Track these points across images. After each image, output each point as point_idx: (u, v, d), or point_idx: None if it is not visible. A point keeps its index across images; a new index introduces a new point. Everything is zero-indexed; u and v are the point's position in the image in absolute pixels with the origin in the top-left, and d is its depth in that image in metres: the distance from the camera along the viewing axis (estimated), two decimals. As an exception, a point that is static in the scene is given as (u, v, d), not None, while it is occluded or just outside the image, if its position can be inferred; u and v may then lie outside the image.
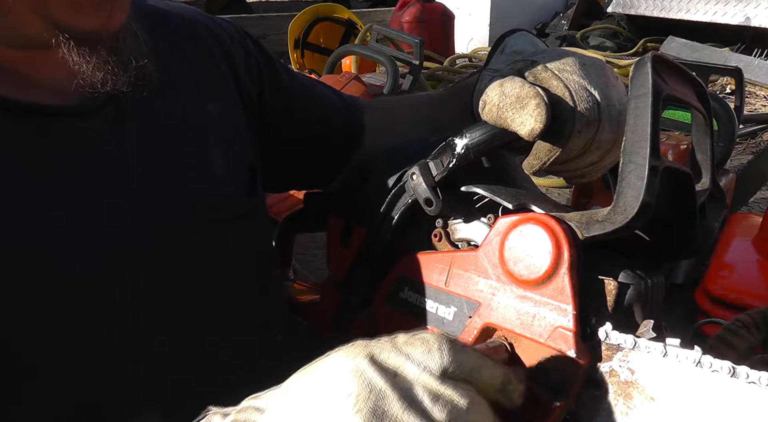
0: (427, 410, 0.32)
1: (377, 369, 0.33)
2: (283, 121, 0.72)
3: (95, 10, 0.47)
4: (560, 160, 0.54)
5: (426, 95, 0.77)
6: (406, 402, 0.32)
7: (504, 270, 0.47)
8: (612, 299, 0.45)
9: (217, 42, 0.67)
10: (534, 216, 0.46)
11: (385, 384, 0.33)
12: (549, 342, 0.44)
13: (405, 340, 0.36)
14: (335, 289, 0.64)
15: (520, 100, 0.52)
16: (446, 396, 0.33)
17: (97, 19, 0.47)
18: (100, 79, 0.49)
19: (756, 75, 2.76)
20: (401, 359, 0.34)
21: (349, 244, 0.61)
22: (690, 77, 0.51)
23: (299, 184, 0.83)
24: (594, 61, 0.54)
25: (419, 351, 0.34)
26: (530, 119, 0.51)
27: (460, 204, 0.55)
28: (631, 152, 0.42)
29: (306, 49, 3.27)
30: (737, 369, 0.36)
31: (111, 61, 0.50)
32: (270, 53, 0.74)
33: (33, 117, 0.49)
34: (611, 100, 0.53)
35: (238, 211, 0.63)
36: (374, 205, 0.58)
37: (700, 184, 0.53)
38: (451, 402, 0.33)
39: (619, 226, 0.43)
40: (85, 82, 0.49)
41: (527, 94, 0.51)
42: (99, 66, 0.49)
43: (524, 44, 0.61)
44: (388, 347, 0.35)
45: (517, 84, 0.52)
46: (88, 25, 0.47)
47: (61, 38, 0.46)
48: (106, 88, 0.49)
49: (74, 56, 0.48)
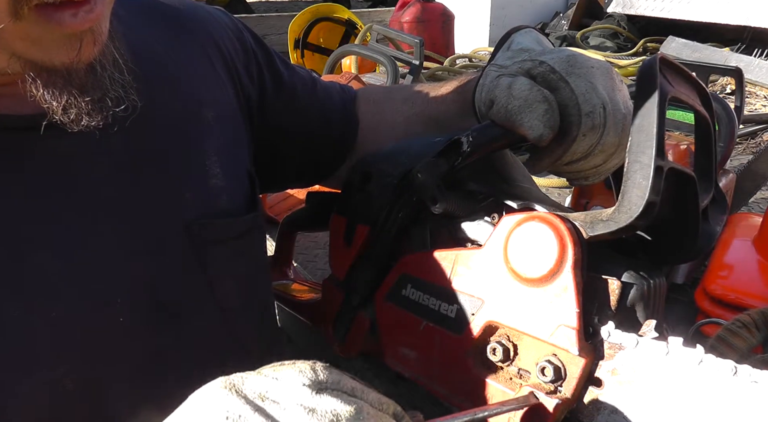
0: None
1: (238, 397, 0.30)
2: (283, 120, 0.70)
3: (62, 47, 0.42)
4: (563, 162, 0.54)
5: (422, 86, 0.73)
6: None
7: (508, 267, 0.47)
8: (615, 298, 0.45)
9: (214, 40, 0.64)
10: (539, 214, 0.46)
11: (247, 409, 0.29)
12: (552, 340, 0.44)
13: (273, 368, 0.33)
14: (336, 288, 0.64)
15: (528, 103, 0.51)
16: (324, 407, 0.30)
17: (66, 55, 0.43)
18: (71, 119, 0.46)
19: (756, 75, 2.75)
20: (267, 382, 0.31)
21: (351, 243, 0.61)
22: (693, 80, 0.52)
23: (299, 181, 0.82)
24: (601, 65, 0.54)
25: (289, 372, 0.31)
26: (539, 124, 0.51)
27: (464, 203, 0.56)
28: (637, 152, 0.42)
29: (306, 48, 3.27)
30: (739, 369, 0.37)
31: (84, 100, 0.45)
32: (269, 49, 0.71)
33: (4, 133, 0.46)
34: (617, 104, 0.52)
35: (238, 229, 0.59)
36: (377, 203, 0.58)
37: (703, 187, 0.53)
38: (332, 412, 0.29)
39: (624, 226, 0.43)
40: (56, 122, 0.45)
41: (536, 97, 0.51)
42: (71, 104, 0.45)
43: (531, 42, 0.60)
44: (252, 376, 0.32)
45: (526, 86, 0.52)
46: (56, 60, 0.43)
47: (28, 76, 0.42)
48: (78, 126, 0.46)
49: (44, 95, 0.44)
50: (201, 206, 0.57)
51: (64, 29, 0.40)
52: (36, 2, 0.38)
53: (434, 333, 0.53)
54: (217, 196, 0.58)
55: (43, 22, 0.39)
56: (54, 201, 0.48)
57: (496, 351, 0.48)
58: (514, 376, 0.48)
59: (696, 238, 0.50)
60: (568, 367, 0.44)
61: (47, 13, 0.39)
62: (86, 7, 0.41)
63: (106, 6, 0.43)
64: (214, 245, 0.57)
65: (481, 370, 0.50)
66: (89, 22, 0.41)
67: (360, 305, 0.62)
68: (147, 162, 0.54)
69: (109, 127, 0.49)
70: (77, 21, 0.40)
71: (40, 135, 0.47)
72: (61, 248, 0.48)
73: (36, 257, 0.47)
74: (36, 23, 0.39)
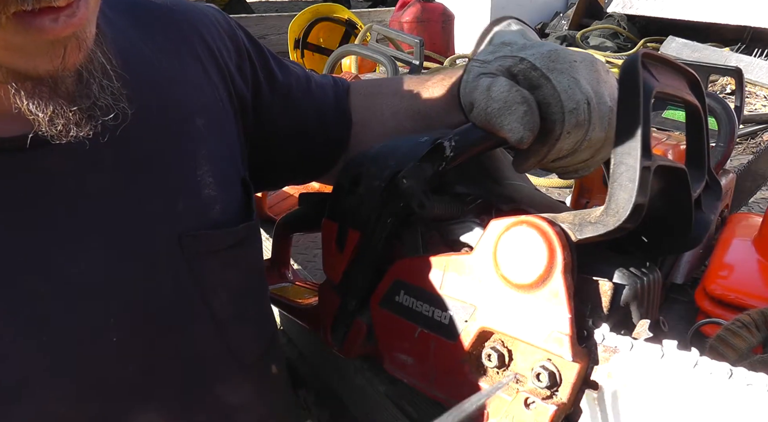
0: None
1: None
2: (278, 120, 0.69)
3: (45, 55, 0.40)
4: (550, 160, 0.53)
5: (411, 80, 0.71)
6: None
7: (498, 274, 0.47)
8: (607, 300, 0.45)
9: (205, 41, 0.62)
10: (526, 219, 0.45)
11: None
12: (545, 346, 0.44)
13: None
14: (332, 293, 0.64)
15: (508, 105, 0.50)
16: None
17: (50, 63, 0.41)
18: (58, 131, 0.44)
19: (756, 75, 2.75)
20: None
21: (344, 248, 0.60)
22: (682, 69, 0.51)
23: (295, 178, 0.81)
24: (584, 57, 0.53)
25: None
26: (519, 127, 0.49)
27: (453, 205, 0.55)
28: (622, 153, 0.41)
29: (306, 49, 3.27)
30: (735, 372, 0.36)
31: (71, 110, 0.44)
32: (263, 48, 0.69)
33: None
34: (602, 97, 0.51)
35: (233, 239, 0.58)
36: (367, 208, 0.57)
37: (695, 176, 0.53)
38: None
39: (612, 229, 0.42)
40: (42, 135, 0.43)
41: (515, 98, 0.50)
42: (57, 114, 0.43)
43: (513, 35, 0.58)
44: None
45: (505, 87, 0.51)
46: (40, 68, 0.41)
47: (11, 87, 0.41)
48: (67, 137, 0.44)
49: (29, 106, 0.42)
50: (194, 217, 0.55)
51: (45, 35, 0.39)
52: (14, 10, 0.36)
53: (429, 339, 0.53)
54: (210, 207, 0.57)
55: (22, 30, 0.38)
56: (43, 222, 0.47)
57: (491, 358, 0.48)
58: (510, 381, 0.47)
59: (690, 229, 0.50)
60: (563, 372, 0.44)
61: (26, 20, 0.38)
62: (67, 12, 0.39)
63: (89, 10, 0.41)
64: (208, 257, 0.56)
65: (477, 376, 0.50)
66: (71, 26, 0.40)
67: (356, 310, 0.62)
68: (138, 174, 0.52)
69: (99, 137, 0.47)
70: (59, 26, 0.39)
71: (27, 154, 0.45)
72: (52, 270, 0.47)
73: (27, 281, 0.46)
74: (16, 31, 0.38)
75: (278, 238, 0.85)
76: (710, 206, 0.54)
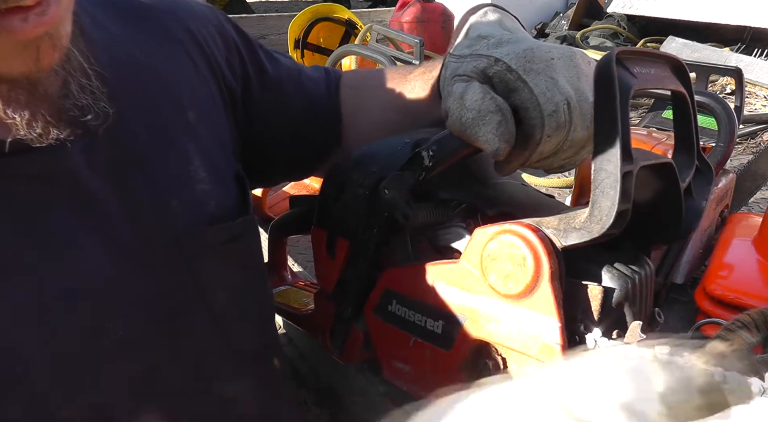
0: None
1: None
2: (269, 114, 0.68)
3: (18, 56, 0.39)
4: (532, 161, 0.53)
5: (393, 73, 0.70)
6: None
7: (486, 284, 0.46)
8: (598, 304, 0.44)
9: (193, 36, 0.61)
10: (509, 228, 0.44)
11: None
12: (537, 355, 0.44)
13: None
14: (327, 301, 0.63)
15: (482, 115, 0.48)
16: None
17: (24, 64, 0.40)
18: (38, 134, 0.42)
19: (756, 75, 2.75)
20: None
21: (335, 256, 0.60)
22: (663, 56, 0.49)
23: (289, 174, 0.80)
24: (562, 53, 0.50)
25: None
26: (494, 138, 0.48)
27: (437, 212, 0.55)
28: (602, 160, 0.40)
29: (306, 49, 3.26)
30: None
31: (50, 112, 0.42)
32: (253, 41, 0.68)
33: None
34: (582, 94, 0.49)
35: (230, 234, 0.57)
36: (354, 216, 0.56)
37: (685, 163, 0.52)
38: None
39: (597, 236, 0.42)
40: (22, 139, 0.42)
41: (489, 107, 0.48)
42: (36, 117, 0.42)
43: (489, 27, 0.55)
44: None
45: (479, 95, 0.49)
46: (15, 70, 0.40)
47: None
48: (47, 140, 0.43)
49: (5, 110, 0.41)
50: (189, 213, 0.54)
51: (15, 36, 0.37)
52: None
53: (424, 348, 0.52)
54: (205, 202, 0.56)
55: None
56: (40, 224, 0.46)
57: (487, 365, 0.48)
58: None
59: (680, 220, 0.49)
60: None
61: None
62: (37, 11, 0.37)
63: (62, 8, 0.40)
64: (206, 253, 0.55)
65: None
66: (42, 25, 0.38)
67: (352, 317, 0.61)
68: (130, 172, 0.51)
69: (84, 138, 0.46)
70: (29, 26, 0.37)
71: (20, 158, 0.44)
72: (51, 272, 0.46)
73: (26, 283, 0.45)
74: None
75: (273, 242, 0.85)
76: (701, 192, 0.53)
